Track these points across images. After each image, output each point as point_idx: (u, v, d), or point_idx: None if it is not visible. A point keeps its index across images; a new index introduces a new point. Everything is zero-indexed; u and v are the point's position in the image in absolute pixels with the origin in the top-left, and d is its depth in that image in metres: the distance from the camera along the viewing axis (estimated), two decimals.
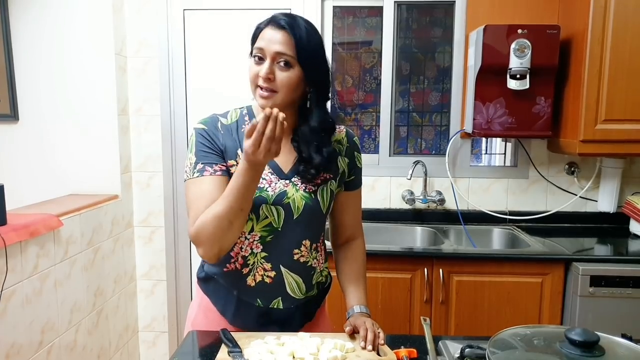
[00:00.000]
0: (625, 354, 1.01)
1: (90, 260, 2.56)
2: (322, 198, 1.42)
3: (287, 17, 1.32)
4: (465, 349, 1.17)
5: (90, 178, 2.80)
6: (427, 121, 3.07)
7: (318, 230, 1.47)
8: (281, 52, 1.29)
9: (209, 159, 1.35)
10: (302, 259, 1.43)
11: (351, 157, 1.51)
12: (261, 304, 1.42)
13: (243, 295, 1.43)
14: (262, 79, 1.29)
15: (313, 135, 1.38)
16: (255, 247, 1.40)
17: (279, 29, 1.29)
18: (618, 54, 2.36)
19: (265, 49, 1.29)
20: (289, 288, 1.43)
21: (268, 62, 1.29)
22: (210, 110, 2.99)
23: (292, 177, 1.41)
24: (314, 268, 1.46)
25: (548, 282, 2.34)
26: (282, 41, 1.29)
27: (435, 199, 2.91)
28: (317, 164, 1.37)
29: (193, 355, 1.34)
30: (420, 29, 3.00)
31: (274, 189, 1.37)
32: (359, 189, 1.56)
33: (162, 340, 3.13)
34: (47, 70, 2.74)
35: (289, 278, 1.42)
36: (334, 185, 1.46)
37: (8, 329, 1.96)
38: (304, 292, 1.45)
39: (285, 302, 1.43)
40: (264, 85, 1.30)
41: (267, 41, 1.30)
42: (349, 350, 1.25)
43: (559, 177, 2.91)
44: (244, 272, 1.41)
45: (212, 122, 1.41)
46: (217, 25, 2.90)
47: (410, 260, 2.40)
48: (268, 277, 1.41)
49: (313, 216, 1.42)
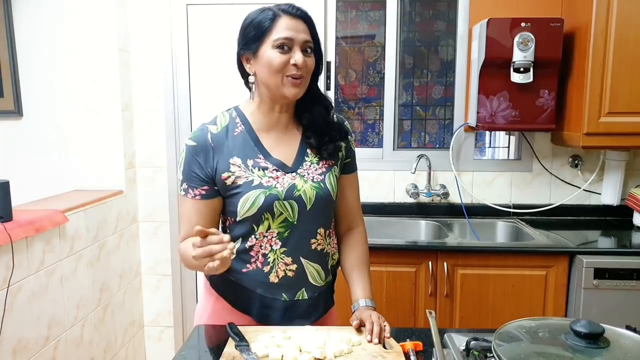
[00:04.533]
0: (630, 345, 1.01)
1: (95, 255, 2.57)
2: (330, 184, 1.44)
3: (296, 8, 1.36)
4: (470, 342, 1.17)
5: (95, 174, 2.81)
6: (431, 115, 3.06)
7: (330, 217, 1.50)
8: (308, 40, 1.35)
9: (192, 182, 1.38)
10: (319, 247, 1.45)
11: (346, 141, 1.53)
12: (287, 298, 1.43)
13: (267, 292, 1.43)
14: (299, 66, 1.32)
15: (326, 112, 1.47)
16: (274, 243, 1.40)
17: (298, 19, 1.34)
18: (622, 47, 2.35)
19: (295, 38, 1.33)
20: (311, 277, 1.45)
21: (298, 50, 1.33)
22: (214, 104, 3.01)
23: (298, 169, 1.41)
24: (328, 254, 1.50)
25: (552, 275, 2.34)
26: (305, 30, 1.35)
27: (439, 192, 2.91)
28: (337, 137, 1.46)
29: (200, 350, 1.35)
30: (423, 22, 2.99)
31: (282, 185, 1.38)
32: (355, 172, 1.58)
33: (167, 335, 3.14)
34: (51, 67, 2.74)
35: (309, 268, 1.44)
36: (337, 170, 1.49)
37: (15, 324, 1.97)
38: (324, 279, 1.48)
39: (309, 291, 1.45)
40: (299, 74, 1.33)
41: (293, 31, 1.33)
42: (355, 344, 1.26)
43: (563, 170, 2.91)
44: (266, 271, 1.42)
45: (202, 137, 1.39)
46: (221, 20, 2.89)
47: (414, 253, 2.41)
48: (290, 271, 1.42)
49: (325, 204, 1.44)
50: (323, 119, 1.45)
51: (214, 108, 3.04)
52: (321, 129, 1.44)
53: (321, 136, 1.44)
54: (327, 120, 1.46)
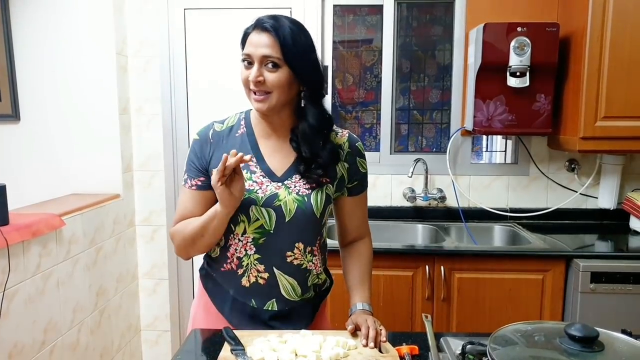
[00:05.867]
0: (624, 349, 1.02)
1: (92, 259, 2.56)
2: (315, 202, 1.40)
3: (271, 19, 1.34)
4: (466, 346, 1.17)
5: (92, 177, 2.81)
6: (428, 119, 3.07)
7: (313, 234, 1.45)
8: (267, 55, 1.31)
9: (191, 173, 1.44)
10: (296, 261, 1.43)
11: (352, 163, 1.49)
12: (255, 305, 1.43)
13: (238, 295, 1.44)
14: (252, 82, 1.32)
15: (313, 133, 1.38)
16: (249, 248, 1.41)
17: (264, 32, 1.32)
18: (617, 51, 2.36)
19: (252, 54, 1.32)
20: (284, 290, 1.43)
21: (256, 65, 1.32)
22: (211, 108, 3.02)
23: (286, 180, 1.41)
24: (309, 270, 1.46)
25: (549, 279, 2.34)
26: (268, 44, 1.31)
27: (436, 196, 2.92)
28: (323, 162, 1.39)
29: (196, 354, 1.35)
30: (420, 26, 3.00)
31: (264, 191, 1.38)
32: (363, 193, 1.55)
33: (164, 339, 3.14)
34: (49, 70, 2.74)
35: (282, 280, 1.42)
36: (331, 189, 1.45)
37: (11, 328, 1.96)
38: (299, 295, 1.45)
39: (280, 303, 1.44)
40: (256, 89, 1.33)
41: (253, 45, 1.32)
42: (351, 348, 1.26)
43: (560, 174, 2.91)
44: (239, 273, 1.43)
45: (205, 132, 1.46)
46: (218, 25, 2.90)
47: (411, 257, 2.41)
48: (261, 279, 1.42)
49: (306, 219, 1.41)
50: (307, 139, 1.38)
51: (211, 111, 3.05)
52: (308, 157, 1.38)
53: (309, 163, 1.39)
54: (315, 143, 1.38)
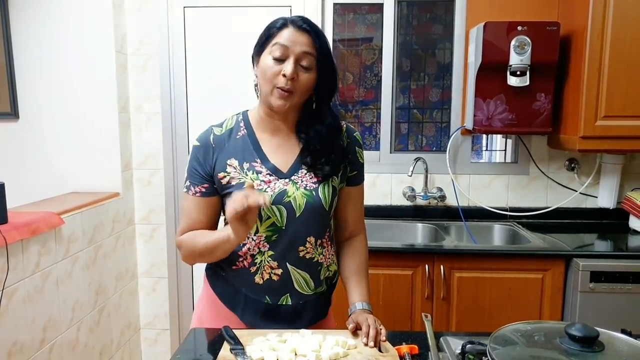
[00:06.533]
0: (624, 349, 1.01)
1: (91, 258, 2.56)
2: (323, 195, 1.42)
3: (306, 21, 1.34)
4: (466, 345, 1.17)
5: (91, 176, 2.81)
6: (428, 118, 3.07)
7: (322, 227, 1.47)
8: (307, 52, 1.32)
9: (195, 180, 1.44)
10: (308, 255, 1.44)
11: (352, 153, 1.51)
12: (270, 301, 1.44)
13: (251, 293, 1.44)
14: (287, 79, 1.30)
15: (329, 134, 1.42)
16: (262, 246, 1.41)
17: (302, 32, 1.32)
18: (618, 50, 2.36)
19: (291, 48, 1.31)
20: (297, 285, 1.44)
21: (292, 62, 1.31)
22: (210, 106, 3.01)
23: (292, 176, 1.41)
24: (320, 263, 1.47)
25: (549, 278, 2.34)
26: (307, 43, 1.32)
27: (436, 195, 2.91)
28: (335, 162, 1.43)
29: (195, 353, 1.35)
30: (420, 25, 3.00)
31: (273, 189, 1.38)
32: (361, 184, 1.57)
33: (163, 338, 3.14)
34: (48, 68, 2.74)
35: (296, 275, 1.43)
36: (336, 181, 1.47)
37: (10, 327, 1.96)
38: (312, 288, 1.47)
39: (294, 298, 1.45)
40: (287, 87, 1.31)
41: (291, 41, 1.31)
42: (350, 347, 1.26)
43: (559, 173, 2.91)
44: (252, 271, 1.43)
45: (205, 138, 1.45)
46: (218, 23, 2.89)
47: (411, 256, 2.41)
48: (275, 275, 1.42)
49: (316, 213, 1.42)
50: (322, 140, 1.41)
51: (210, 110, 3.04)
52: (317, 151, 1.41)
53: (317, 157, 1.42)
54: (329, 143, 1.42)
